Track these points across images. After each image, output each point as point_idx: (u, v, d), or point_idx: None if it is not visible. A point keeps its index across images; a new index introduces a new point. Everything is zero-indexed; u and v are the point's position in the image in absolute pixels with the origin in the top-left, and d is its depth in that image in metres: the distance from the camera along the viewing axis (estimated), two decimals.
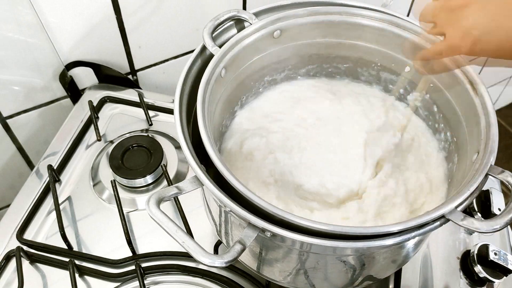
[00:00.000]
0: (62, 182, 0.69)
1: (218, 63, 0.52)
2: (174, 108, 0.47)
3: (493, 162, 0.43)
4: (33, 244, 0.62)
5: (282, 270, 0.50)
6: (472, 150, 0.48)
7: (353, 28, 0.56)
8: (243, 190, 0.40)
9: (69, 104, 0.80)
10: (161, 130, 0.74)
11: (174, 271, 0.61)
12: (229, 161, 0.58)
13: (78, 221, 0.66)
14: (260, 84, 0.63)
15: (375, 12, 0.54)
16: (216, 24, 0.55)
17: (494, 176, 0.43)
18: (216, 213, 0.52)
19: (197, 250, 0.38)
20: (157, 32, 0.78)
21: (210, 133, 0.46)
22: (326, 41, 0.59)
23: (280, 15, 0.56)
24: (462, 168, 0.50)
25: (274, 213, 0.39)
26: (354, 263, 0.47)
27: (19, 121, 0.77)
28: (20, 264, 0.60)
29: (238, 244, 0.39)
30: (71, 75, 0.77)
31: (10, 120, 0.76)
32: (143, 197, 0.67)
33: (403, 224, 0.40)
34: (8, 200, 0.84)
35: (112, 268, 0.61)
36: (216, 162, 0.42)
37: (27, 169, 0.84)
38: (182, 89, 0.50)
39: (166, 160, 0.69)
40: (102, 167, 0.69)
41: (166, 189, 0.42)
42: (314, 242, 0.39)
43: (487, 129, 0.46)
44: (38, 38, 0.70)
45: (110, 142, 0.73)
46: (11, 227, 0.64)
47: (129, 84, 0.81)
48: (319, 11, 0.56)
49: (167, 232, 0.40)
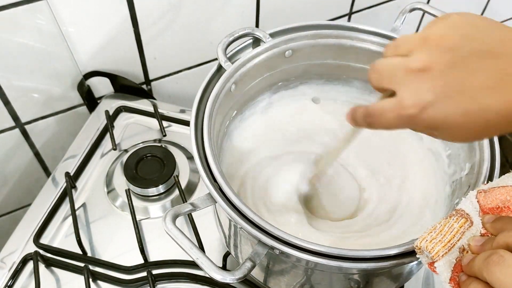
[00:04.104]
0: (78, 188, 0.72)
1: (229, 78, 0.55)
2: (190, 129, 0.49)
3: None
4: (49, 249, 0.65)
5: (288, 284, 0.52)
6: (465, 182, 0.50)
7: (362, 53, 0.58)
8: (254, 217, 0.43)
9: (85, 111, 0.83)
10: (174, 141, 0.77)
11: (183, 279, 0.63)
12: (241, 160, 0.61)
13: (92, 227, 0.68)
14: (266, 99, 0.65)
15: (384, 38, 0.56)
16: (230, 40, 0.57)
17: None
18: (226, 226, 0.55)
19: (210, 267, 0.40)
20: (172, 44, 0.81)
21: (214, 148, 0.49)
22: (336, 62, 0.61)
23: (293, 36, 0.58)
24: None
25: (281, 237, 0.42)
26: (359, 280, 0.49)
27: (37, 128, 0.80)
28: (37, 268, 0.62)
29: (248, 261, 0.42)
30: (88, 84, 0.80)
31: (28, 126, 0.79)
32: (155, 205, 0.70)
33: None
34: (24, 203, 0.87)
35: (124, 274, 0.63)
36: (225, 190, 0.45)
37: (43, 175, 0.86)
38: (198, 108, 0.53)
39: (178, 171, 0.72)
40: (116, 176, 0.72)
41: (182, 206, 0.45)
42: (318, 262, 0.42)
43: (480, 165, 0.48)
44: (58, 47, 0.72)
45: (125, 151, 0.75)
46: (28, 231, 0.67)
47: (143, 94, 0.84)
48: (330, 35, 0.58)
49: (182, 248, 0.42)
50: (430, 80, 0.36)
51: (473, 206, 0.40)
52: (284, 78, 0.63)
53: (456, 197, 0.52)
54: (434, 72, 0.36)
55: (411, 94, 0.36)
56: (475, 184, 0.47)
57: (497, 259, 0.32)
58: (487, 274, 0.33)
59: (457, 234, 0.38)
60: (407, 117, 0.37)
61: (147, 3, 0.73)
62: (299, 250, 0.42)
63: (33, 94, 0.76)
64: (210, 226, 0.63)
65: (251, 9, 0.83)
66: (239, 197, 0.44)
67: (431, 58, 0.36)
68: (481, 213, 0.40)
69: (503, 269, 0.32)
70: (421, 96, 0.36)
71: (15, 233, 0.67)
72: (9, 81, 0.71)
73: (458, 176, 0.53)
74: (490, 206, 0.40)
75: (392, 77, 0.38)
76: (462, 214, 0.39)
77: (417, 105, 0.36)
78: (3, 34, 0.66)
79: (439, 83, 0.35)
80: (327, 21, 0.59)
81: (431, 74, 0.36)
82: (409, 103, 0.36)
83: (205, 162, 0.48)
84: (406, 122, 0.37)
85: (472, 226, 0.39)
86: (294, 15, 0.87)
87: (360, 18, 0.96)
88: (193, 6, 0.76)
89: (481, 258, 0.34)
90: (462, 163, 0.53)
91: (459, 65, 0.35)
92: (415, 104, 0.36)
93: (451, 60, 0.35)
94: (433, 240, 0.38)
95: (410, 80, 0.37)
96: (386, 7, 0.97)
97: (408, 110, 0.36)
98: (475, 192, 0.41)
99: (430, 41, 0.37)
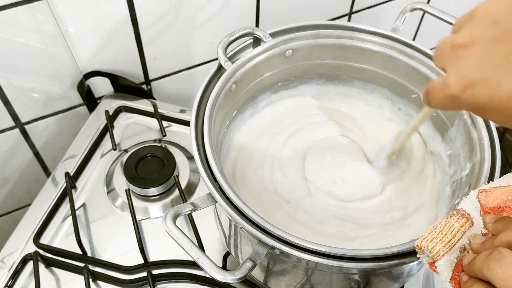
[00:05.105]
0: (78, 188, 0.71)
1: (229, 78, 0.55)
2: (190, 129, 0.49)
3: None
4: (49, 249, 0.65)
5: (289, 284, 0.52)
6: (466, 182, 0.50)
7: (362, 53, 0.58)
8: (254, 216, 0.43)
9: (85, 111, 0.83)
10: (174, 141, 0.77)
11: (183, 279, 0.63)
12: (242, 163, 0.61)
13: (92, 227, 0.68)
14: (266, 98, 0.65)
15: (384, 39, 0.56)
16: (230, 40, 0.57)
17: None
18: (226, 226, 0.54)
19: (210, 266, 0.40)
20: (172, 44, 0.81)
21: (214, 148, 0.49)
22: (336, 62, 0.61)
23: (293, 36, 0.58)
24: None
25: (282, 237, 0.42)
26: (360, 280, 0.49)
27: (37, 127, 0.80)
28: (37, 268, 0.62)
29: (249, 261, 0.42)
30: (88, 84, 0.80)
31: (28, 126, 0.79)
32: (155, 205, 0.70)
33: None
34: (24, 203, 0.87)
35: (124, 274, 0.63)
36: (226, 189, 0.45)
37: (43, 175, 0.86)
38: (198, 108, 0.53)
39: (178, 171, 0.71)
40: (116, 176, 0.72)
41: (182, 206, 0.45)
42: (319, 261, 0.42)
43: (481, 164, 0.48)
44: (58, 47, 0.72)
45: (125, 151, 0.75)
46: (28, 231, 0.67)
47: (143, 94, 0.84)
48: (330, 35, 0.58)
49: (182, 248, 0.42)
50: (473, 56, 0.34)
51: (474, 205, 0.40)
52: (284, 78, 0.63)
53: (457, 197, 0.52)
54: (477, 47, 0.34)
55: (454, 72, 0.35)
56: (475, 184, 0.47)
57: (497, 256, 0.32)
58: (487, 271, 0.32)
59: (457, 234, 0.38)
60: (451, 96, 0.35)
61: (147, 3, 0.73)
62: (299, 250, 0.42)
63: (33, 94, 0.76)
64: (210, 226, 0.63)
65: (251, 9, 0.83)
66: (239, 196, 0.44)
67: (474, 32, 0.35)
68: (482, 213, 0.40)
69: (502, 266, 0.31)
70: (463, 74, 0.34)
71: (15, 233, 0.67)
72: (9, 81, 0.71)
73: (459, 176, 0.53)
74: (491, 205, 0.40)
75: (442, 55, 0.37)
76: (463, 214, 0.39)
77: (459, 84, 0.35)
78: (3, 34, 0.66)
79: (482, 59, 0.33)
80: (327, 21, 0.60)
81: (474, 49, 0.34)
82: (452, 82, 0.35)
83: (206, 162, 0.48)
84: (452, 101, 0.36)
85: (473, 226, 0.39)
86: (294, 15, 0.87)
87: (360, 18, 0.96)
88: (193, 6, 0.76)
89: (482, 256, 0.34)
90: (463, 163, 0.53)
91: (503, 39, 0.33)
92: (457, 82, 0.35)
93: (495, 34, 0.33)
94: (433, 239, 0.38)
95: (455, 56, 0.35)
96: (386, 7, 0.97)
97: (451, 89, 0.35)
98: (476, 192, 0.41)
99: (475, 15, 0.35)
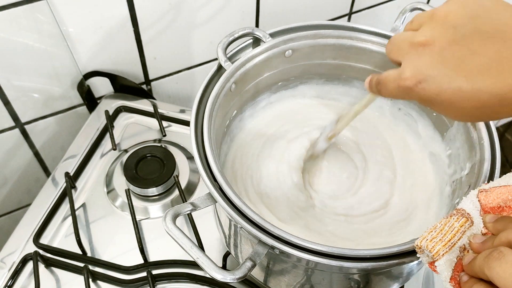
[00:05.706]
0: (77, 188, 0.71)
1: (229, 78, 0.55)
2: (190, 129, 0.49)
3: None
4: (49, 249, 0.65)
5: (289, 284, 0.52)
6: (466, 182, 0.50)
7: (362, 53, 0.58)
8: (254, 216, 0.43)
9: (85, 111, 0.83)
10: (174, 141, 0.77)
11: (183, 279, 0.63)
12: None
13: (92, 227, 0.68)
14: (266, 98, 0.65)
15: (384, 39, 0.56)
16: (230, 40, 0.57)
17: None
18: (226, 226, 0.54)
19: (210, 266, 0.40)
20: (172, 44, 0.81)
21: (214, 148, 0.49)
22: (336, 62, 0.61)
23: (293, 36, 0.58)
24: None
25: (282, 237, 0.42)
26: (359, 280, 0.49)
27: (37, 128, 0.80)
28: (37, 268, 0.62)
29: (248, 261, 0.42)
30: (88, 84, 0.80)
31: (28, 126, 0.79)
32: (155, 205, 0.70)
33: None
34: (24, 203, 0.87)
35: (124, 274, 0.63)
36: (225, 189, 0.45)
37: (43, 175, 0.86)
38: (198, 108, 0.52)
39: (178, 171, 0.71)
40: (116, 176, 0.72)
41: (182, 206, 0.45)
42: (319, 261, 0.42)
43: (480, 164, 0.48)
44: (58, 47, 0.72)
45: (125, 151, 0.75)
46: (28, 231, 0.67)
47: (143, 94, 0.84)
48: (330, 35, 0.58)
49: (182, 248, 0.42)
50: (430, 55, 0.37)
51: (474, 205, 0.40)
52: (284, 78, 0.63)
53: (457, 196, 0.52)
54: (434, 47, 0.37)
55: (410, 66, 0.38)
56: (475, 183, 0.47)
57: (497, 255, 0.32)
58: (488, 270, 0.33)
59: (457, 233, 0.38)
60: (404, 88, 0.39)
61: (147, 3, 0.73)
62: (299, 250, 0.42)
63: (33, 94, 0.76)
64: (210, 226, 0.63)
65: (251, 9, 0.83)
66: (239, 196, 0.44)
67: (433, 34, 0.38)
68: (482, 212, 0.40)
69: (503, 265, 0.32)
70: (418, 69, 0.38)
71: (15, 233, 0.67)
72: (9, 81, 0.71)
73: (459, 176, 0.53)
74: (492, 205, 0.40)
75: (399, 50, 0.40)
76: (463, 214, 0.39)
77: (413, 78, 0.38)
78: (3, 34, 0.66)
79: (438, 58, 0.37)
80: (327, 21, 0.59)
81: (432, 49, 0.37)
82: (407, 75, 0.38)
83: (205, 162, 0.48)
84: (404, 92, 0.39)
85: (473, 225, 0.39)
86: (294, 15, 0.87)
87: (360, 18, 0.96)
88: (193, 6, 0.76)
89: (482, 256, 0.34)
90: (463, 163, 0.53)
91: (459, 43, 0.36)
92: (412, 76, 0.38)
93: (453, 38, 0.37)
94: (433, 239, 0.38)
95: (413, 53, 0.39)
96: (386, 7, 0.97)
97: (405, 81, 0.39)
98: (476, 191, 0.41)
99: (436, 17, 0.38)
